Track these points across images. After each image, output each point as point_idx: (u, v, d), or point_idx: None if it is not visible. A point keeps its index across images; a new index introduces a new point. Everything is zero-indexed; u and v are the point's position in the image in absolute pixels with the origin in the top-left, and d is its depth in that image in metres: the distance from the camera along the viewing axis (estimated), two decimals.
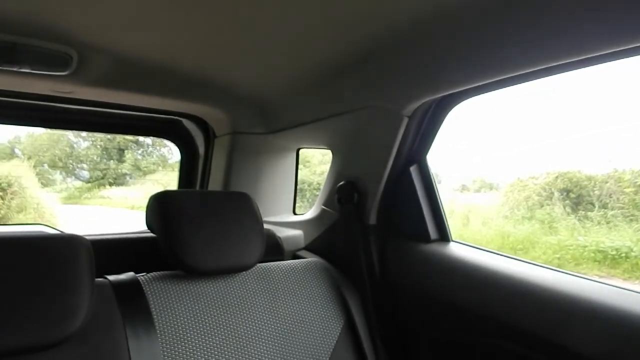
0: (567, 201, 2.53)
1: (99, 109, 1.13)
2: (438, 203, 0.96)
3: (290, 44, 0.80)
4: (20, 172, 5.35)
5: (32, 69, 0.79)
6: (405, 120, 0.88)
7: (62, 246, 0.66)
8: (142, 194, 7.02)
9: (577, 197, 2.53)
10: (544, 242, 2.50)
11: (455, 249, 0.92)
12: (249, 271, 0.88)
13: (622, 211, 2.36)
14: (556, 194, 2.57)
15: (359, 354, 0.91)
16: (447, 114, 0.89)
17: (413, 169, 0.94)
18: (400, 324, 0.96)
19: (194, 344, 0.75)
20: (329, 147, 1.11)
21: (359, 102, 0.93)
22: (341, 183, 1.02)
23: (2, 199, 5.01)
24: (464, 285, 0.83)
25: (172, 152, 6.76)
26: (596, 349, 0.62)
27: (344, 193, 1.01)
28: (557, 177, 2.61)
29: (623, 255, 2.21)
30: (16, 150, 5.75)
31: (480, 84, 0.73)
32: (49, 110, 1.08)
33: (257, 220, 0.88)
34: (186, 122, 1.31)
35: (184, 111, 1.24)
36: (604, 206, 2.43)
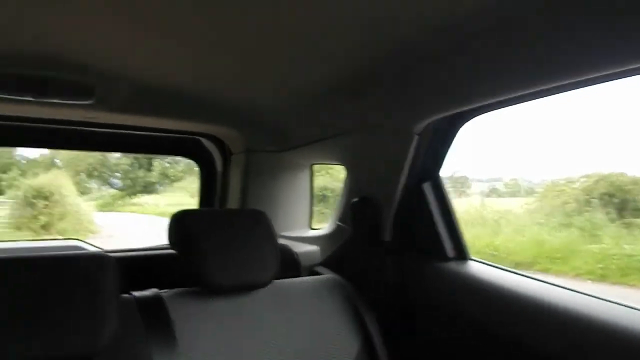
0: (610, 207, 2.32)
1: (123, 132, 1.21)
2: (454, 220, 0.95)
3: (301, 64, 0.82)
4: (60, 181, 5.65)
5: (61, 99, 0.88)
6: (416, 138, 0.88)
7: (89, 264, 0.70)
8: (170, 200, 7.25)
9: (621, 202, 2.33)
10: (585, 251, 2.31)
11: (473, 268, 0.90)
12: (266, 288, 0.89)
13: None
14: (597, 199, 2.37)
15: None
16: (457, 130, 0.89)
17: (426, 186, 0.94)
18: (419, 342, 0.95)
19: (212, 358, 0.77)
20: (342, 163, 1.13)
21: (370, 120, 0.95)
22: (355, 200, 1.03)
23: (46, 207, 5.29)
24: (482, 305, 0.82)
25: None
26: None
27: (358, 209, 1.01)
28: (597, 180, 2.41)
29: None
30: (56, 161, 6.08)
31: (490, 101, 0.72)
32: (78, 134, 1.17)
33: (271, 236, 0.90)
34: (205, 141, 1.36)
35: (201, 131, 1.29)
36: None
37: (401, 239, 0.99)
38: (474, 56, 0.68)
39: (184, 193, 6.77)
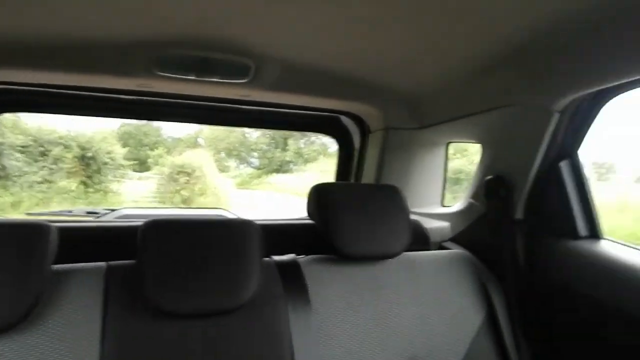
0: None
1: (269, 109, 1.30)
2: (589, 199, 0.95)
3: (440, 41, 0.83)
4: (202, 159, 5.83)
5: (220, 79, 0.97)
6: (557, 116, 0.89)
7: (237, 229, 0.81)
8: (304, 181, 7.03)
9: None
10: None
11: (607, 247, 0.90)
12: (396, 259, 0.95)
13: None
14: None
15: (499, 346, 0.96)
16: (601, 107, 0.88)
17: (563, 164, 0.95)
18: (544, 320, 0.97)
19: (342, 319, 0.86)
20: (479, 141, 1.14)
21: (509, 98, 0.96)
22: (489, 177, 1.06)
23: (188, 183, 5.53)
24: (614, 285, 0.82)
25: (333, 141, 6.64)
26: None
27: (492, 187, 1.04)
28: None
29: None
30: (199, 140, 6.36)
31: (636, 78, 0.71)
32: (229, 111, 1.27)
33: (404, 211, 0.96)
34: (344, 119, 1.40)
35: (342, 109, 1.34)
36: None
37: (533, 216, 1.01)
38: (622, 30, 0.67)
39: (318, 173, 6.45)
